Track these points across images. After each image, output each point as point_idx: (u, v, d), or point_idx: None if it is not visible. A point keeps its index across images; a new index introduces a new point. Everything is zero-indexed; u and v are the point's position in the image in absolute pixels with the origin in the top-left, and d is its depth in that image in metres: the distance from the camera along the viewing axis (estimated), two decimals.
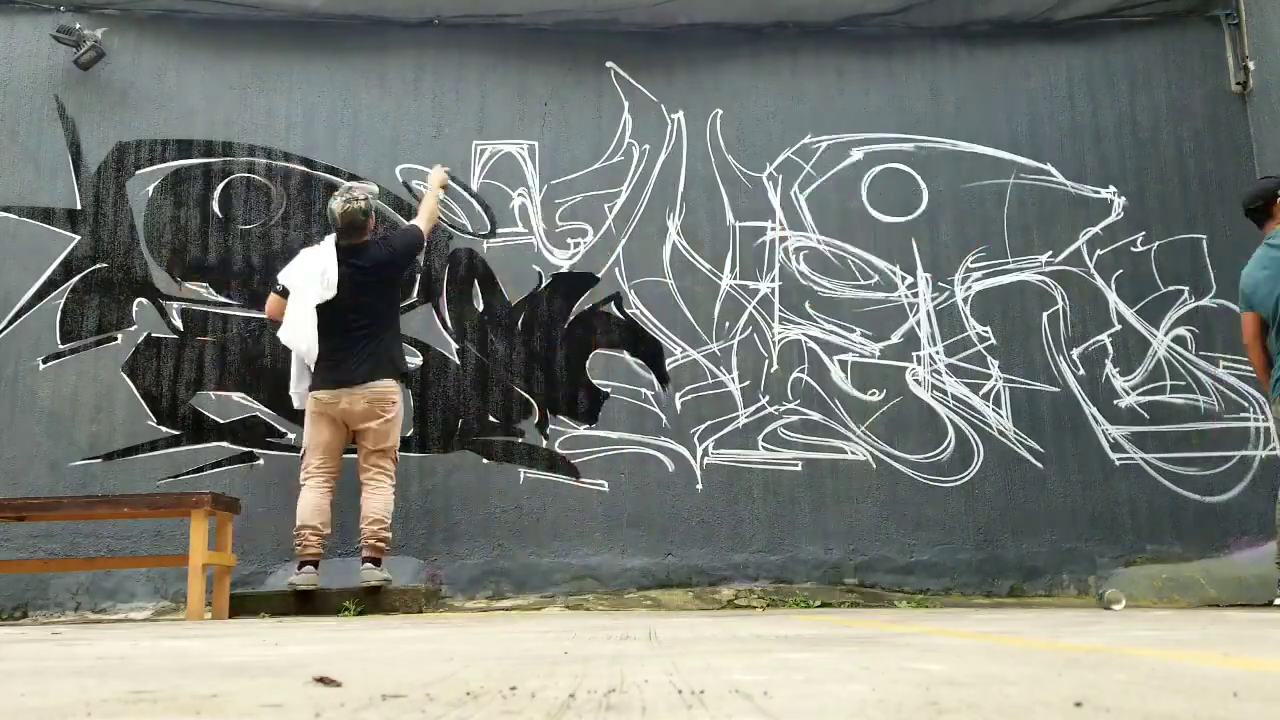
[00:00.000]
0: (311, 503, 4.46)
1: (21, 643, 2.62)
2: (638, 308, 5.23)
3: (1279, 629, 2.45)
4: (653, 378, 5.15)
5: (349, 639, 2.47)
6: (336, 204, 4.54)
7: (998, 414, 5.17)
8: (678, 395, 5.14)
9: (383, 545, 4.48)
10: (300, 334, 4.48)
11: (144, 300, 5.08)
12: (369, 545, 4.46)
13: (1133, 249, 5.39)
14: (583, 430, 5.08)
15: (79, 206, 5.15)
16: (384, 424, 4.50)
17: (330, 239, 4.62)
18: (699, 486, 5.02)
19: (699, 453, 5.08)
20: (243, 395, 5.02)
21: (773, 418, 5.13)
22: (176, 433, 4.95)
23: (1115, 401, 5.20)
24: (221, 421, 4.98)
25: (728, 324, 5.24)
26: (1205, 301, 5.32)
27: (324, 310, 4.47)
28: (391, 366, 4.56)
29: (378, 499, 4.49)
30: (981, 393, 5.20)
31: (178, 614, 4.69)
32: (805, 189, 5.42)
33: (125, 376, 4.99)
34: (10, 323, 5.00)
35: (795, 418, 5.13)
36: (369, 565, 4.44)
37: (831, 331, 5.25)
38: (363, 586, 4.42)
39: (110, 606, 4.71)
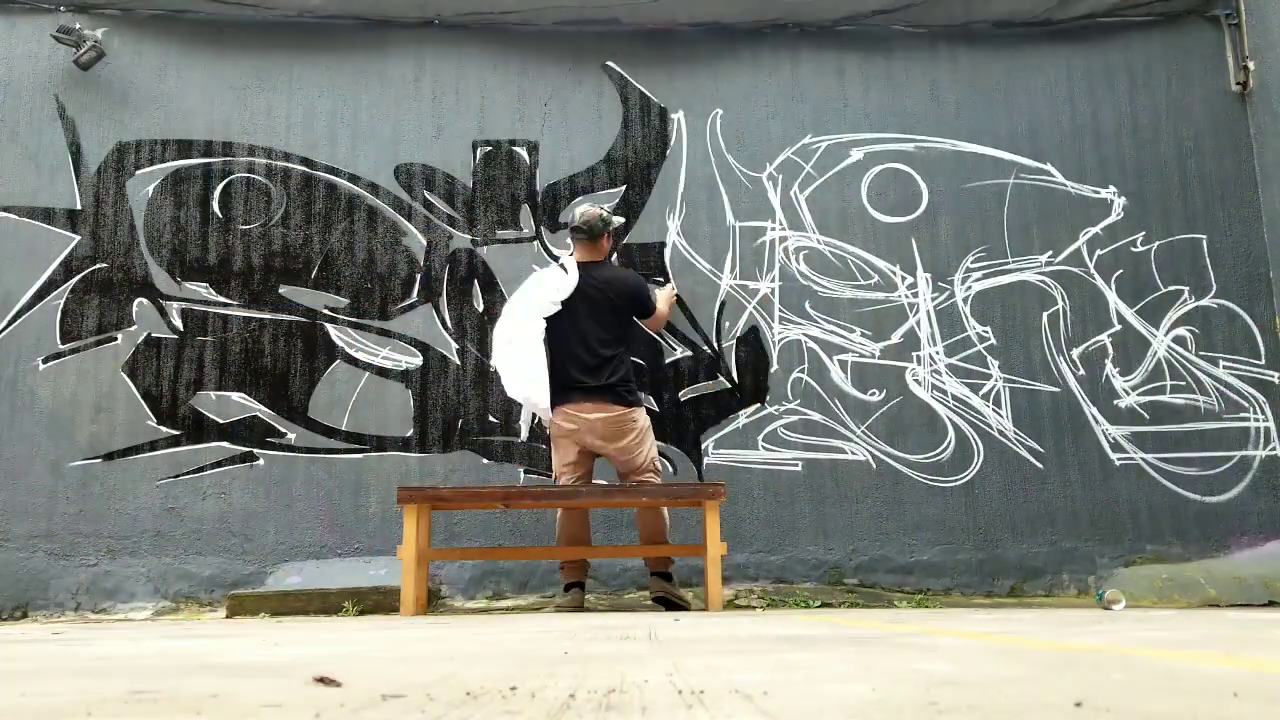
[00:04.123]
0: (576, 524, 4.47)
1: (22, 643, 2.62)
2: None
3: (1279, 629, 2.45)
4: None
5: (349, 639, 2.47)
6: (581, 207, 4.65)
7: (998, 414, 5.17)
8: (678, 395, 5.14)
9: (666, 561, 4.47)
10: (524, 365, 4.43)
11: (144, 300, 5.08)
12: (655, 561, 4.46)
13: (1133, 249, 5.39)
14: None
15: (79, 206, 5.15)
16: (631, 443, 4.45)
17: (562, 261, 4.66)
18: None
19: (699, 453, 5.08)
20: (243, 395, 5.02)
21: (773, 418, 5.13)
22: (176, 433, 4.95)
23: (1115, 401, 5.20)
24: (221, 421, 4.98)
25: (728, 324, 5.24)
26: (1205, 301, 5.32)
27: (555, 322, 4.47)
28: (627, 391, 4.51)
29: (648, 521, 4.49)
30: (981, 393, 5.20)
31: (178, 614, 4.69)
32: (805, 189, 5.42)
33: (125, 376, 4.99)
34: (10, 323, 5.00)
35: (795, 418, 5.13)
36: (655, 577, 4.44)
37: (831, 331, 5.25)
38: (657, 600, 4.42)
39: (110, 606, 4.72)
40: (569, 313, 4.47)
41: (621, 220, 4.93)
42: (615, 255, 5.09)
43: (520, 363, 4.40)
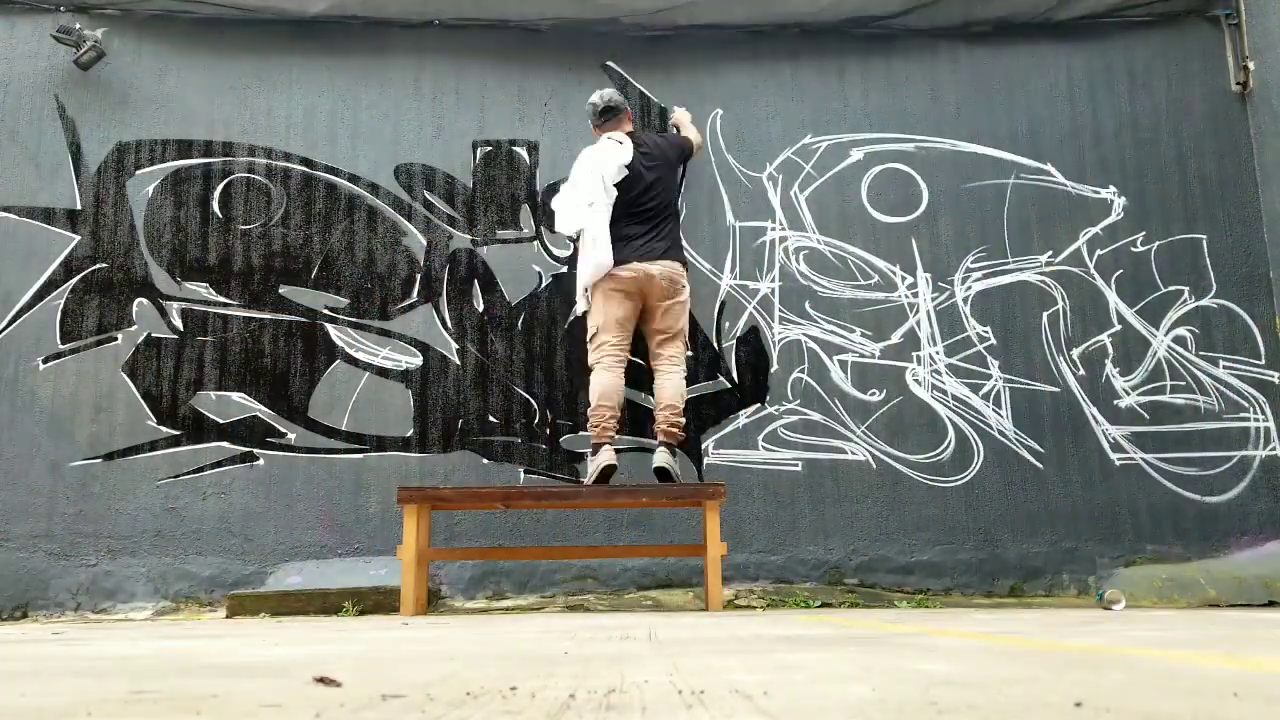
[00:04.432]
0: (611, 382, 4.54)
1: (22, 643, 2.62)
2: None
3: (1279, 629, 2.45)
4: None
5: (349, 639, 2.47)
6: (595, 96, 4.93)
7: (998, 414, 5.17)
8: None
9: (677, 431, 4.58)
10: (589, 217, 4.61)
11: (144, 300, 5.08)
12: (665, 431, 4.55)
13: (1133, 249, 5.39)
14: (583, 430, 5.08)
15: (79, 206, 5.15)
16: (680, 305, 4.70)
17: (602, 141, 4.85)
18: None
19: (699, 453, 5.08)
20: (243, 395, 5.02)
21: (773, 418, 5.13)
22: (176, 433, 4.95)
23: (1115, 401, 5.20)
24: (221, 421, 4.98)
25: (728, 324, 5.24)
26: (1205, 301, 5.32)
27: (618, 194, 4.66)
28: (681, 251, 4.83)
29: (673, 382, 4.62)
30: (981, 393, 5.20)
31: (178, 614, 4.69)
32: (805, 189, 5.42)
33: (125, 376, 4.99)
34: (10, 323, 5.00)
35: (795, 418, 5.13)
36: (662, 449, 4.53)
37: (831, 331, 5.25)
38: (656, 470, 4.52)
39: (110, 607, 4.72)
40: (626, 181, 4.68)
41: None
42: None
43: (596, 226, 4.55)
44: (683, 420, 4.62)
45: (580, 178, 4.73)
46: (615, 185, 4.63)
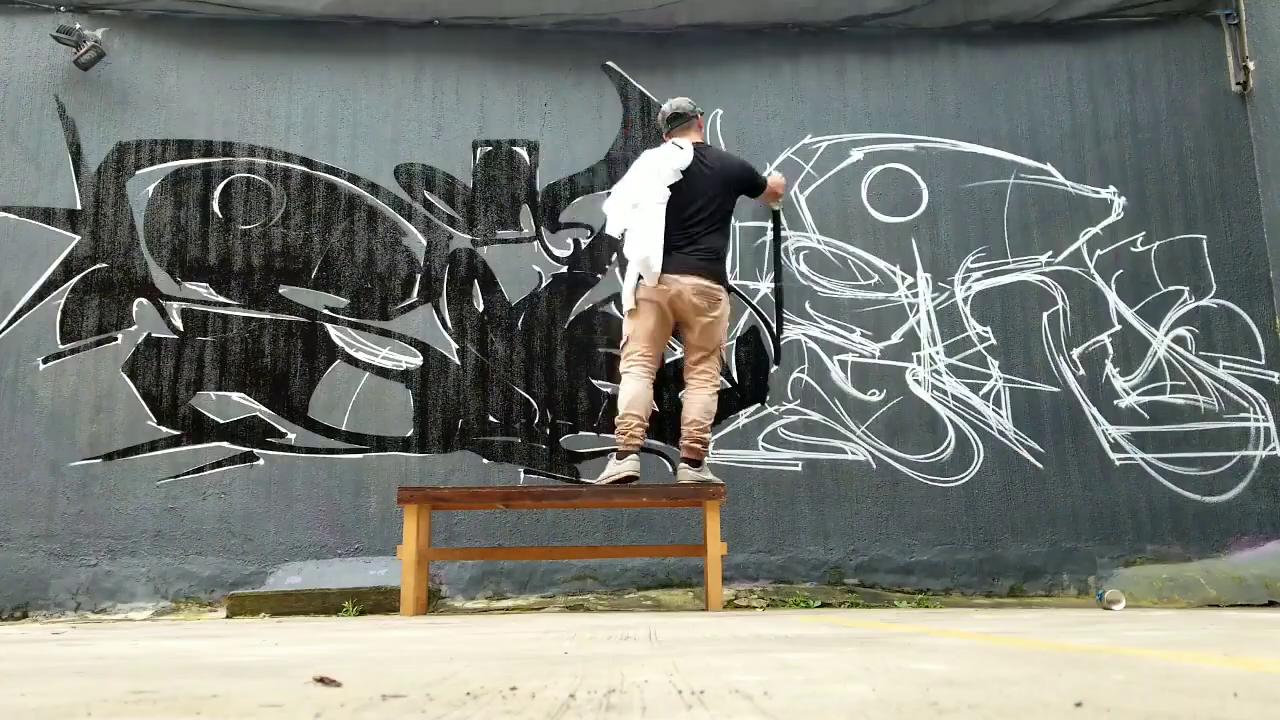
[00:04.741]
0: (639, 391, 4.46)
1: (22, 643, 2.62)
2: None
3: (1279, 629, 2.45)
4: None
5: (349, 639, 2.47)
6: (667, 104, 4.85)
7: (998, 414, 5.17)
8: (679, 395, 5.14)
9: (700, 448, 4.49)
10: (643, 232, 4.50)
11: (144, 300, 5.09)
12: (687, 448, 4.48)
13: (1133, 249, 5.39)
14: (583, 430, 5.08)
15: (79, 206, 5.16)
16: (714, 322, 4.56)
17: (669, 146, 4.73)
18: None
19: None
20: (242, 395, 5.02)
21: (773, 418, 5.13)
22: (176, 433, 4.95)
23: (1115, 401, 5.20)
24: (221, 421, 4.98)
25: (728, 324, 5.23)
26: (1205, 301, 5.32)
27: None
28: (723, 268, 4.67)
29: (700, 399, 4.52)
30: (981, 393, 5.20)
31: (178, 614, 4.69)
32: (805, 189, 5.42)
33: (125, 376, 4.99)
34: (10, 323, 5.00)
35: (795, 418, 5.13)
36: (685, 466, 4.47)
37: (831, 331, 5.25)
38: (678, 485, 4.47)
39: (110, 606, 4.72)
40: (677, 187, 4.57)
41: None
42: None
43: (642, 226, 4.47)
44: (707, 437, 4.51)
45: (633, 178, 4.68)
46: (669, 187, 4.53)
